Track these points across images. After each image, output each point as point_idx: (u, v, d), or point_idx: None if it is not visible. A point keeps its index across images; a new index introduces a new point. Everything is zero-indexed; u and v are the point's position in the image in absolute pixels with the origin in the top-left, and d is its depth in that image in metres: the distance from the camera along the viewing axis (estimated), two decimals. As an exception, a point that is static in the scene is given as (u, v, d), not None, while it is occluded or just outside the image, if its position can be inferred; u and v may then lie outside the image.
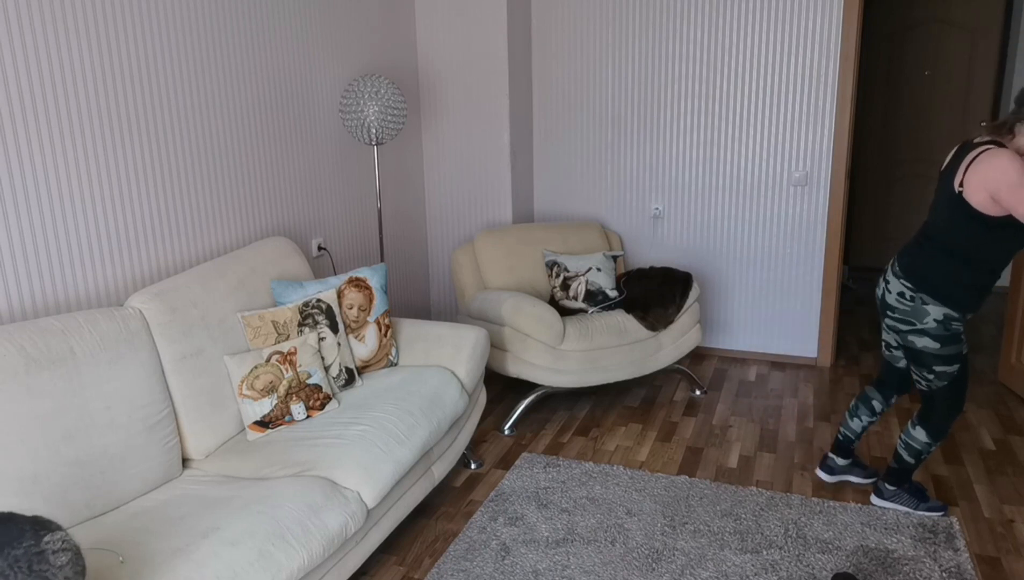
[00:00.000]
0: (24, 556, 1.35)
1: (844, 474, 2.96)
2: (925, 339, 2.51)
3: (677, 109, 4.20)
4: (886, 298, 2.60)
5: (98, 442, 2.04)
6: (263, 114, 3.09)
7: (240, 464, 2.31)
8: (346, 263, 3.71)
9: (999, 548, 2.57)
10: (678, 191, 4.31)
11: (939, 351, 2.51)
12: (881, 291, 2.64)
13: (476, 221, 4.34)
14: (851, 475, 2.95)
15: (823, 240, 4.08)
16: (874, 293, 2.75)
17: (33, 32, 2.16)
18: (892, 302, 2.57)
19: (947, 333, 2.48)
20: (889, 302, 2.58)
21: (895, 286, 2.56)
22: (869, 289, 5.81)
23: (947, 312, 2.46)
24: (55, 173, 2.26)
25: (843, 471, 2.96)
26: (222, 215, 2.91)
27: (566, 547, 2.60)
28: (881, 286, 2.64)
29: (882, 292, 2.63)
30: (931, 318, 2.48)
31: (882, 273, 2.68)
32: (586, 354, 3.40)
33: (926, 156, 5.92)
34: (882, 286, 2.64)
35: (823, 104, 3.94)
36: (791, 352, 4.31)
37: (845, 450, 2.93)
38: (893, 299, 2.57)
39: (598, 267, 3.72)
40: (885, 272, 2.65)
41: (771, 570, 2.45)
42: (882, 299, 2.63)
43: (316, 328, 2.69)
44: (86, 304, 2.38)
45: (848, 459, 2.94)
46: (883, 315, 2.65)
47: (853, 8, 3.78)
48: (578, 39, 4.31)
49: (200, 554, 1.78)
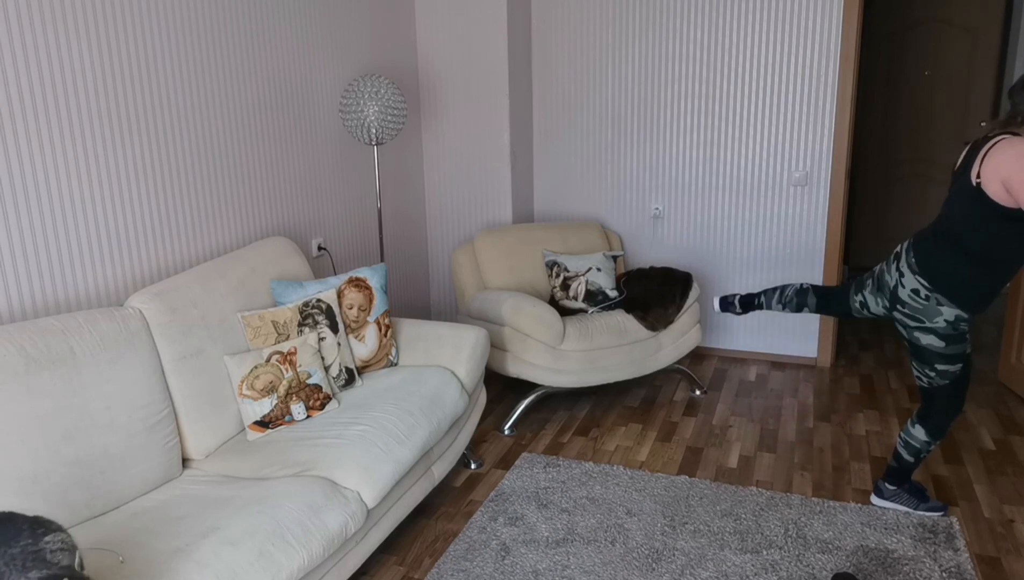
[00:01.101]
0: (20, 555, 1.35)
1: None
2: (931, 337, 2.49)
3: (677, 109, 4.20)
4: (898, 292, 2.52)
5: (98, 442, 2.04)
6: (263, 114, 3.09)
7: (240, 464, 2.31)
8: (346, 263, 3.71)
9: (999, 548, 2.57)
10: (678, 191, 4.31)
11: (944, 350, 2.49)
12: (894, 282, 2.54)
13: (476, 221, 4.34)
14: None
15: (823, 240, 4.08)
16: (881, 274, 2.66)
17: (33, 32, 2.16)
18: (904, 297, 2.51)
19: (955, 333, 2.46)
20: (901, 297, 2.52)
21: (910, 281, 2.49)
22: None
23: (959, 313, 2.43)
24: (55, 173, 2.26)
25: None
26: (222, 215, 2.91)
27: (566, 547, 2.60)
28: (894, 276, 2.55)
29: (895, 283, 2.54)
30: (943, 318, 2.45)
31: (893, 256, 2.59)
32: (586, 354, 3.40)
33: (926, 156, 5.92)
34: (895, 277, 2.54)
35: (823, 104, 3.94)
36: (791, 352, 4.31)
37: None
38: (906, 295, 2.50)
39: (598, 267, 3.72)
40: (898, 259, 2.55)
41: (771, 570, 2.45)
42: (893, 290, 2.54)
43: (316, 328, 2.69)
44: (86, 304, 2.38)
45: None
46: (889, 302, 2.57)
47: (853, 8, 3.78)
48: (578, 39, 4.31)
49: (200, 554, 1.78)
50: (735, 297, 3.14)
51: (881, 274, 2.64)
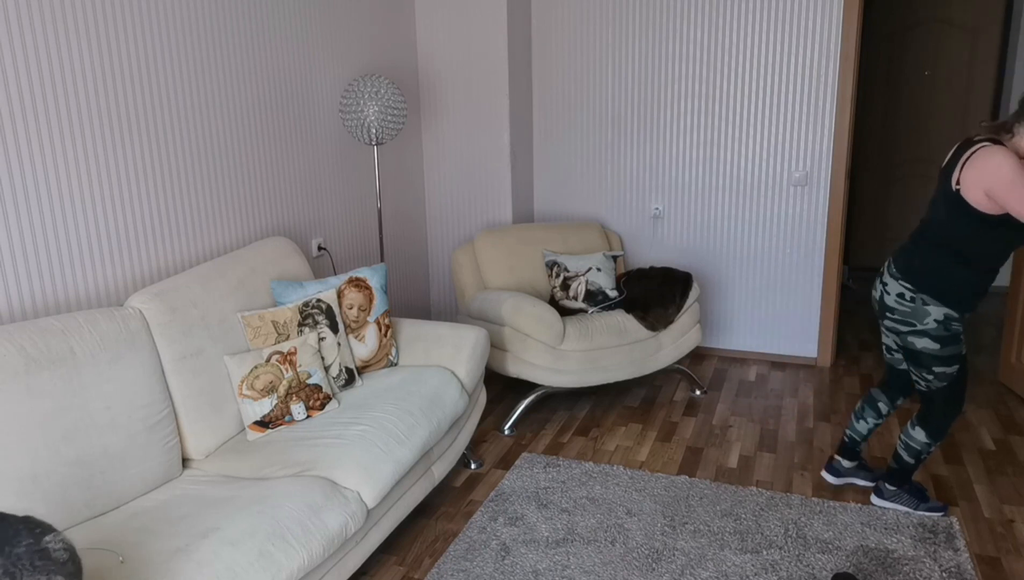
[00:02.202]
0: (26, 555, 1.35)
1: (850, 476, 2.95)
2: (925, 340, 2.51)
3: (677, 109, 4.20)
4: (885, 300, 2.58)
5: (98, 442, 2.04)
6: (263, 114, 3.09)
7: (240, 464, 2.31)
8: (346, 263, 3.71)
9: (999, 548, 2.57)
10: (678, 191, 4.31)
11: (939, 352, 2.50)
12: (879, 293, 2.62)
13: (476, 221, 4.34)
14: (856, 478, 2.95)
15: (823, 240, 4.08)
16: (871, 295, 2.73)
17: (33, 32, 2.16)
18: (891, 304, 2.56)
19: (947, 333, 2.48)
20: (888, 304, 2.57)
21: (894, 287, 2.55)
22: (869, 289, 5.81)
23: (947, 312, 2.46)
24: (55, 173, 2.26)
25: (849, 473, 2.95)
26: (222, 215, 2.91)
27: (566, 547, 2.60)
28: (879, 289, 2.63)
29: (880, 294, 2.61)
30: (932, 318, 2.47)
31: (877, 276, 2.67)
32: (586, 354, 3.40)
33: (926, 156, 5.92)
34: (879, 289, 2.62)
35: (823, 104, 3.94)
36: (791, 352, 4.31)
37: (851, 452, 2.92)
38: (892, 301, 2.55)
39: (598, 267, 3.72)
40: (881, 274, 2.64)
41: (771, 570, 2.45)
42: (880, 301, 2.61)
43: (316, 328, 2.69)
44: (86, 304, 2.38)
45: (854, 461, 2.93)
46: (882, 317, 2.63)
47: (853, 8, 3.78)
48: (578, 39, 4.31)
49: (200, 554, 1.78)
50: (838, 461, 2.97)
51: (873, 302, 2.68)
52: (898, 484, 2.76)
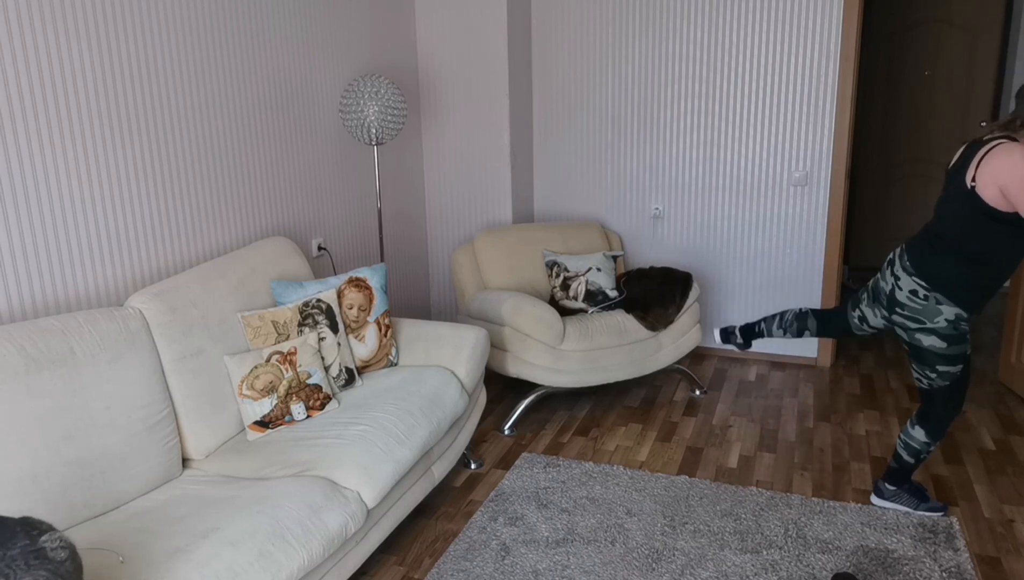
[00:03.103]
0: (21, 555, 1.35)
1: None
2: (933, 338, 2.49)
3: (677, 109, 4.20)
4: (896, 295, 2.54)
5: (98, 442, 2.04)
6: (263, 114, 3.09)
7: (240, 464, 2.31)
8: (346, 263, 3.71)
9: (999, 548, 2.57)
10: (678, 191, 4.31)
11: (945, 351, 2.49)
12: (890, 287, 2.56)
13: (476, 221, 4.34)
14: None
15: (823, 240, 4.08)
16: (875, 284, 2.69)
17: (33, 32, 2.16)
18: (903, 299, 2.52)
19: (956, 333, 2.46)
20: (899, 299, 2.53)
21: (907, 283, 2.50)
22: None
23: (959, 312, 2.43)
24: (55, 173, 2.26)
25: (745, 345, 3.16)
26: (222, 215, 2.91)
27: (566, 547, 2.60)
28: (889, 282, 2.57)
29: (891, 288, 2.55)
30: (943, 318, 2.45)
31: (887, 264, 2.61)
32: (586, 354, 3.40)
33: (926, 156, 5.92)
34: (891, 282, 2.56)
35: (823, 104, 3.94)
36: (791, 352, 4.31)
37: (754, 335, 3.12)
38: (904, 297, 2.51)
39: (598, 267, 3.72)
40: (892, 264, 2.57)
41: (771, 570, 2.45)
42: (891, 295, 2.56)
43: (316, 328, 2.69)
44: (86, 304, 2.38)
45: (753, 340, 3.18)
46: (889, 311, 2.58)
47: (853, 8, 3.78)
48: (578, 39, 4.31)
49: (200, 554, 1.78)
50: (735, 328, 3.17)
51: (876, 284, 2.66)
52: (898, 484, 2.76)
